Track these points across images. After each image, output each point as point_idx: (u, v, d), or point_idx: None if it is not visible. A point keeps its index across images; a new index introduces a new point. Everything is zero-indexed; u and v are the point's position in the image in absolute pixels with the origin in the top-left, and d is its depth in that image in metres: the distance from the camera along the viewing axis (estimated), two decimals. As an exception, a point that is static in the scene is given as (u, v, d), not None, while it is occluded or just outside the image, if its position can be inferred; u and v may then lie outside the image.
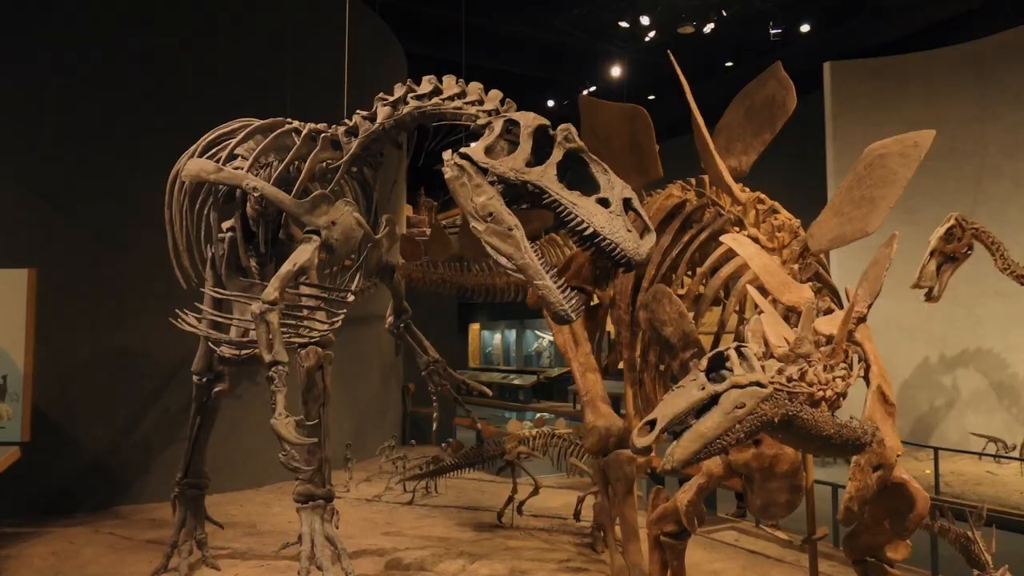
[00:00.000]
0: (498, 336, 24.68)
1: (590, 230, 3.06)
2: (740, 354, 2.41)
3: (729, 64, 14.19)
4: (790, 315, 3.15)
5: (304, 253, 3.75)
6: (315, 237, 3.83)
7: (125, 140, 7.37)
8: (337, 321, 4.36)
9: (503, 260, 3.19)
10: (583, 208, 3.10)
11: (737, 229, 3.67)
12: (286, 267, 3.70)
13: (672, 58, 4.08)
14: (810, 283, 3.24)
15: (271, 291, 3.58)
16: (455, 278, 7.85)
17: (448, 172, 3.25)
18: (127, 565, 5.47)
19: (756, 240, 3.56)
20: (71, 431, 7.12)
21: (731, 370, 2.35)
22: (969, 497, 7.98)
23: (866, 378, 3.09)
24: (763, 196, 4.05)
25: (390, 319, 5.08)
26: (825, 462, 9.40)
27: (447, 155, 3.30)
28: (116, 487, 7.35)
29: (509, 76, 16.63)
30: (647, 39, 11.65)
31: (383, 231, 4.16)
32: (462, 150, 3.27)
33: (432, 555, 5.61)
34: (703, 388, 2.32)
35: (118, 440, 7.41)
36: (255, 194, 3.86)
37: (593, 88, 15.52)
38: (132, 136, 7.39)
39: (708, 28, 12.17)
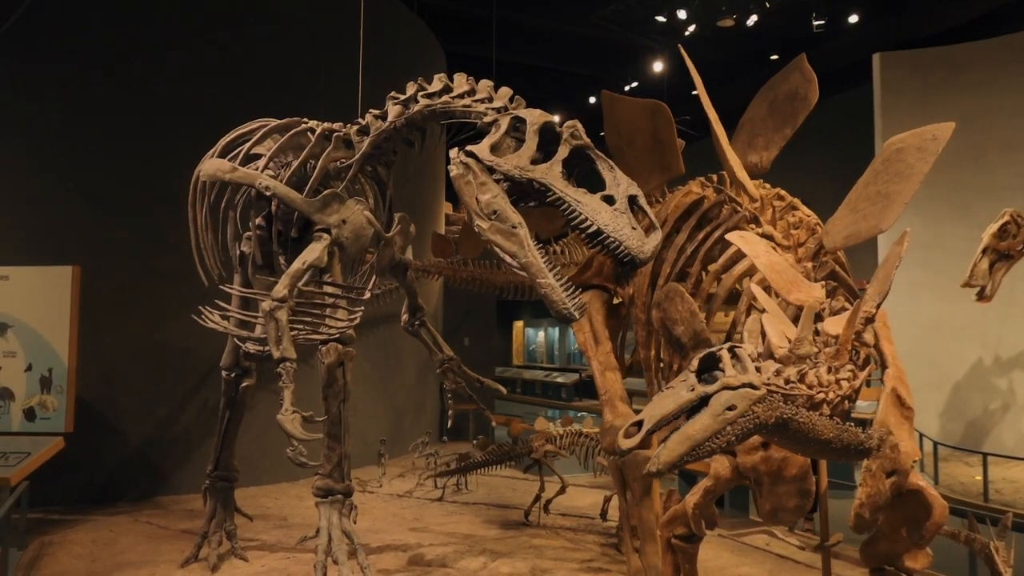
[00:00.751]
0: (541, 334, 24.62)
1: (594, 228, 3.03)
2: (733, 354, 2.35)
3: (774, 57, 13.86)
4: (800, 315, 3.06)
5: (314, 252, 3.80)
6: (326, 235, 3.88)
7: (167, 141, 7.58)
8: (355, 318, 4.40)
9: (507, 258, 3.18)
10: (587, 206, 3.07)
11: (753, 227, 3.58)
12: (295, 265, 3.76)
13: (683, 52, 4.01)
14: (824, 282, 3.14)
15: (280, 288, 3.64)
16: (485, 276, 7.84)
17: (454, 170, 3.25)
18: (161, 554, 5.63)
19: (771, 238, 3.47)
20: (115, 423, 7.37)
21: (724, 371, 2.29)
22: (1020, 506, 7.65)
23: (881, 381, 2.99)
24: (783, 193, 3.94)
25: (405, 317, 5.11)
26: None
27: (453, 153, 3.30)
28: (157, 478, 7.58)
29: (552, 73, 16.58)
30: (687, 33, 11.45)
31: (395, 229, 4.18)
32: (468, 148, 3.26)
33: (455, 552, 5.64)
34: (693, 389, 2.27)
35: (159, 433, 7.63)
36: (268, 193, 3.93)
37: (635, 84, 15.32)
38: (173, 137, 7.59)
39: (751, 21, 11.90)
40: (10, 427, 6.50)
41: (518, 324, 25.73)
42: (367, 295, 4.46)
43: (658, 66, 14.11)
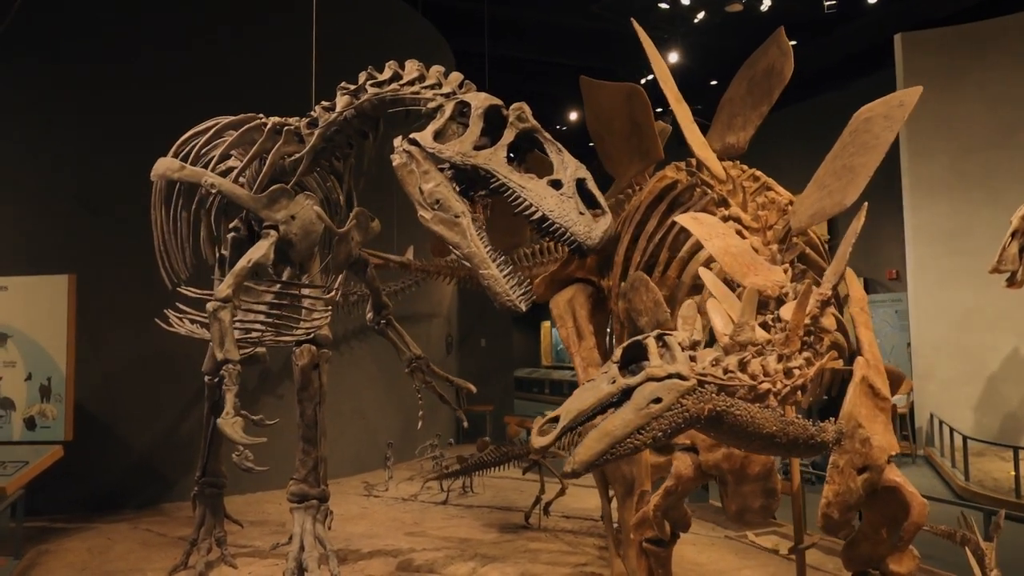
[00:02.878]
0: (568, 334, 24.38)
1: (538, 214, 2.86)
2: (663, 343, 2.16)
3: (793, 43, 13.44)
4: (768, 300, 2.84)
5: (260, 249, 3.70)
6: (273, 232, 3.77)
7: (162, 149, 7.56)
8: (323, 318, 4.28)
9: (452, 249, 3.04)
10: (532, 191, 2.90)
11: (721, 209, 3.36)
12: (240, 263, 3.65)
13: (636, 26, 3.81)
14: (787, 265, 2.91)
15: (224, 288, 3.54)
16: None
17: (396, 159, 3.11)
18: (152, 561, 5.59)
19: (738, 220, 3.25)
20: (116, 431, 7.39)
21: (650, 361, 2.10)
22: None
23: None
24: (758, 173, 3.72)
25: (370, 315, 4.98)
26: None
27: (396, 142, 3.16)
28: (160, 485, 7.58)
29: (569, 69, 16.35)
30: (696, 20, 11.14)
31: (349, 224, 4.05)
32: (411, 135, 3.12)
33: (445, 556, 5.49)
34: (614, 381, 2.09)
35: (161, 440, 7.63)
36: (213, 191, 3.83)
37: (651, 76, 15.02)
38: (169, 144, 7.58)
39: (765, 5, 11.54)
40: (11, 436, 6.54)
41: (545, 324, 25.57)
42: (334, 294, 4.32)
43: (673, 56, 13.80)
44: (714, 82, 14.67)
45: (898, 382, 6.28)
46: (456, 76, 3.48)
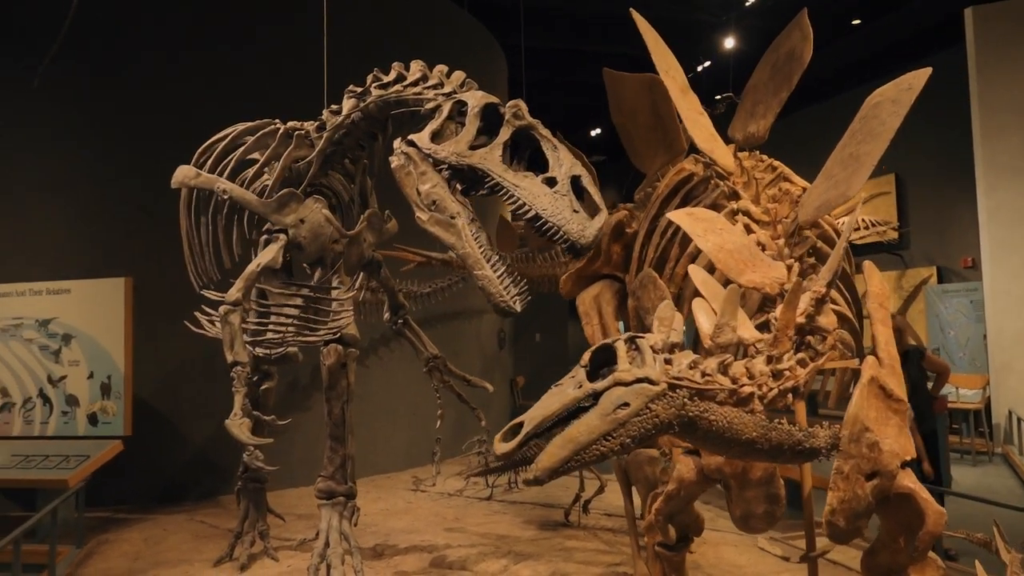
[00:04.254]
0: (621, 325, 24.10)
1: (532, 213, 2.82)
2: (635, 346, 2.09)
3: (856, 22, 12.88)
4: (775, 299, 2.72)
5: (268, 253, 3.77)
6: (282, 236, 3.84)
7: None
8: (346, 318, 4.33)
9: (451, 250, 3.03)
10: (525, 190, 2.86)
11: (731, 203, 3.24)
12: (249, 267, 3.74)
13: (635, 14, 3.69)
14: (793, 260, 2.77)
15: (233, 291, 3.63)
16: (521, 269, 7.73)
17: (394, 161, 3.11)
18: (201, 552, 5.81)
19: (748, 213, 3.12)
20: (174, 426, 7.70)
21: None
22: None
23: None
24: (776, 164, 3.58)
25: (387, 315, 5.01)
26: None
27: (396, 143, 3.17)
28: (218, 478, 7.85)
29: (622, 60, 16.11)
30: (748, 3, 10.77)
31: (360, 226, 4.08)
32: (409, 137, 3.12)
33: (479, 553, 5.50)
34: (581, 386, 2.03)
35: (218, 435, 7.86)
36: (224, 196, 3.93)
37: (707, 63, 14.66)
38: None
39: (827, -16, 11.08)
40: (76, 432, 6.90)
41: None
42: (354, 294, 4.37)
43: (729, 42, 13.44)
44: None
45: (943, 374, 5.96)
46: (458, 75, 3.46)
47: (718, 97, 12.03)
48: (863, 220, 12.16)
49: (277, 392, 8.10)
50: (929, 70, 2.60)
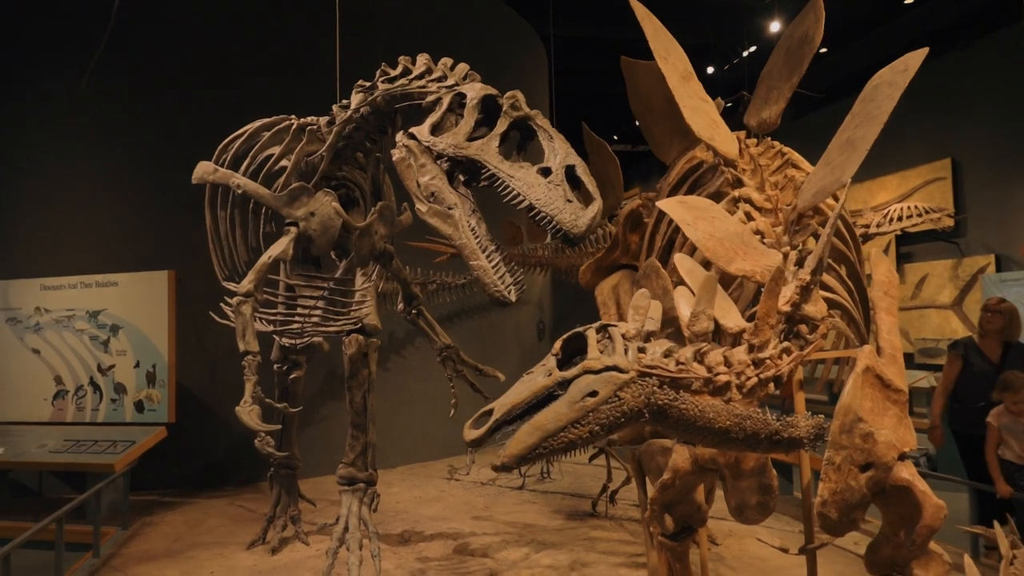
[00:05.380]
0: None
1: (525, 203, 2.83)
2: (606, 334, 2.09)
3: (909, 1, 12.41)
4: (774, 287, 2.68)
5: (279, 245, 3.87)
6: (292, 229, 3.93)
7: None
8: (364, 309, 4.41)
9: (448, 240, 3.07)
10: (520, 180, 2.87)
11: (734, 191, 3.18)
12: (261, 259, 3.84)
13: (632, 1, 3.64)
14: (788, 248, 2.71)
15: (245, 283, 3.73)
16: (552, 260, 7.77)
17: (396, 154, 3.16)
18: (237, 535, 6.01)
19: (749, 200, 3.07)
20: (217, 414, 7.95)
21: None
22: None
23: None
24: (786, 150, 3.49)
25: (401, 306, 5.07)
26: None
27: (398, 136, 3.22)
28: (259, 465, 8.02)
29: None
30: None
31: (370, 218, 4.14)
32: (410, 129, 3.17)
33: (502, 541, 5.55)
34: (550, 374, 2.04)
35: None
36: (239, 191, 4.04)
37: (753, 48, 14.34)
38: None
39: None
40: (123, 418, 7.21)
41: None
42: (367, 285, 4.43)
43: (775, 26, 13.11)
44: (823, 50, 13.81)
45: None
46: (462, 67, 3.49)
47: (729, 104, 11.73)
48: (915, 207, 11.74)
49: (315, 382, 8.36)
50: (926, 50, 2.51)
